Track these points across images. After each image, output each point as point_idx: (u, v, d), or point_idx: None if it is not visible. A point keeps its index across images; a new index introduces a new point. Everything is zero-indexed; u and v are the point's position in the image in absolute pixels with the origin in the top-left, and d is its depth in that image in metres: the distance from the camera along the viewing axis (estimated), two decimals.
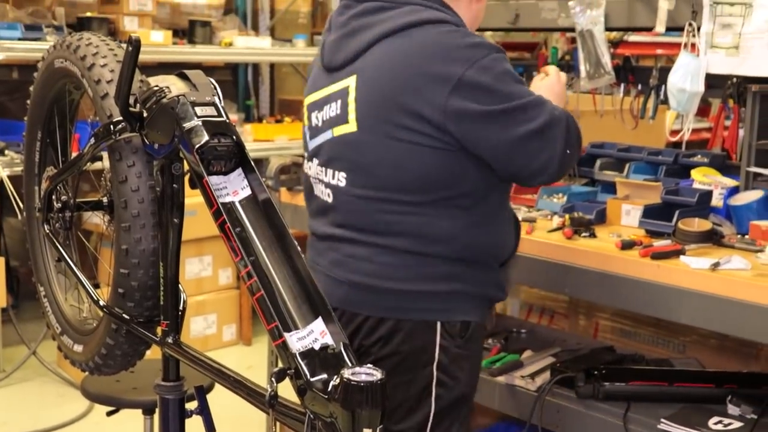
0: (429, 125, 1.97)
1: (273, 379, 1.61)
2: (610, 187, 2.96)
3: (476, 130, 1.96)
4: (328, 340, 1.61)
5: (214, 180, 1.76)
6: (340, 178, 2.12)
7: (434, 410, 2.13)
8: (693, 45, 2.67)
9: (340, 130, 2.10)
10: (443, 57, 1.96)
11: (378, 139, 2.02)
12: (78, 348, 2.30)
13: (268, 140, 5.50)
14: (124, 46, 1.90)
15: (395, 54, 2.01)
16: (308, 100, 2.24)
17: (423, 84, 1.96)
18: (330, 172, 2.15)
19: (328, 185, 2.16)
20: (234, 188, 1.78)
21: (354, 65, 2.08)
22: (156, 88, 1.85)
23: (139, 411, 2.69)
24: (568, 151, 1.99)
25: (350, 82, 2.08)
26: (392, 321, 2.09)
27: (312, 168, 2.22)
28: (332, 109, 2.12)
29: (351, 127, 2.07)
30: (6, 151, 4.43)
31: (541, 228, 2.64)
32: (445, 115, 1.95)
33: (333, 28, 2.16)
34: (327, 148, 2.15)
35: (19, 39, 4.44)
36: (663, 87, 2.93)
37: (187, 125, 1.78)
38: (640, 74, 3.18)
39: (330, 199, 2.16)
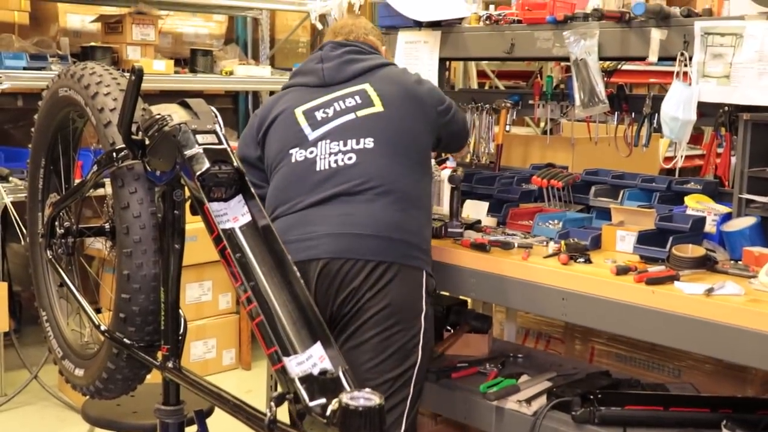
0: (428, 115, 2.69)
1: (272, 403, 1.61)
2: (605, 214, 2.96)
3: (445, 117, 2.76)
4: (327, 364, 1.60)
5: (214, 206, 1.76)
6: (368, 143, 2.54)
7: (420, 356, 2.47)
8: (685, 74, 2.68)
9: (365, 111, 2.59)
10: (417, 79, 2.75)
11: (400, 117, 2.61)
12: (79, 372, 2.29)
13: None
14: (127, 75, 1.91)
15: (392, 77, 2.71)
16: (304, 107, 2.64)
17: (422, 93, 2.70)
18: (352, 141, 2.54)
19: (348, 152, 2.53)
20: (234, 214, 1.78)
21: (361, 78, 2.66)
22: (158, 117, 1.86)
23: None
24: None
25: (365, 86, 2.64)
26: (396, 266, 2.43)
27: (317, 150, 2.55)
28: (350, 102, 2.61)
29: (378, 108, 2.60)
30: (10, 178, 4.42)
31: (537, 254, 2.64)
32: (436, 112, 2.71)
33: (326, 59, 2.71)
34: (349, 126, 2.57)
35: (24, 68, 4.45)
36: (656, 115, 2.93)
37: (188, 153, 1.78)
38: (633, 103, 3.18)
39: (351, 161, 2.52)
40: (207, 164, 1.76)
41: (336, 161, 2.52)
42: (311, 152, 2.55)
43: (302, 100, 2.66)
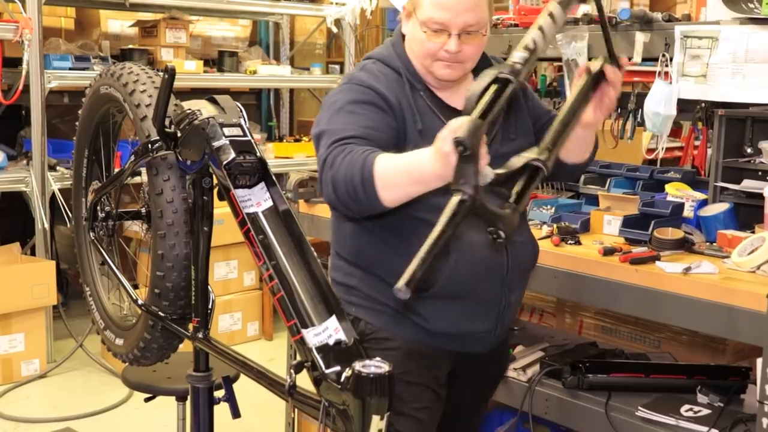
0: None
1: (292, 370, 1.61)
2: (593, 200, 2.95)
3: None
4: (341, 336, 1.60)
5: (239, 193, 1.76)
6: None
7: None
8: (666, 73, 2.66)
9: None
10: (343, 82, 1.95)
11: None
12: (119, 341, 2.30)
13: (287, 157, 5.50)
14: (161, 74, 1.90)
15: None
16: None
17: None
18: None
19: None
20: (257, 200, 1.77)
21: None
22: (189, 111, 1.85)
23: (173, 398, 2.68)
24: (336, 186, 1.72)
25: None
26: None
27: None
28: None
29: None
30: (58, 167, 4.44)
31: None
32: None
33: None
34: None
35: (70, 68, 4.46)
36: (640, 111, 2.92)
37: (216, 144, 1.78)
38: (619, 99, 3.16)
39: None
40: (233, 154, 1.75)
41: None
42: None
43: None
